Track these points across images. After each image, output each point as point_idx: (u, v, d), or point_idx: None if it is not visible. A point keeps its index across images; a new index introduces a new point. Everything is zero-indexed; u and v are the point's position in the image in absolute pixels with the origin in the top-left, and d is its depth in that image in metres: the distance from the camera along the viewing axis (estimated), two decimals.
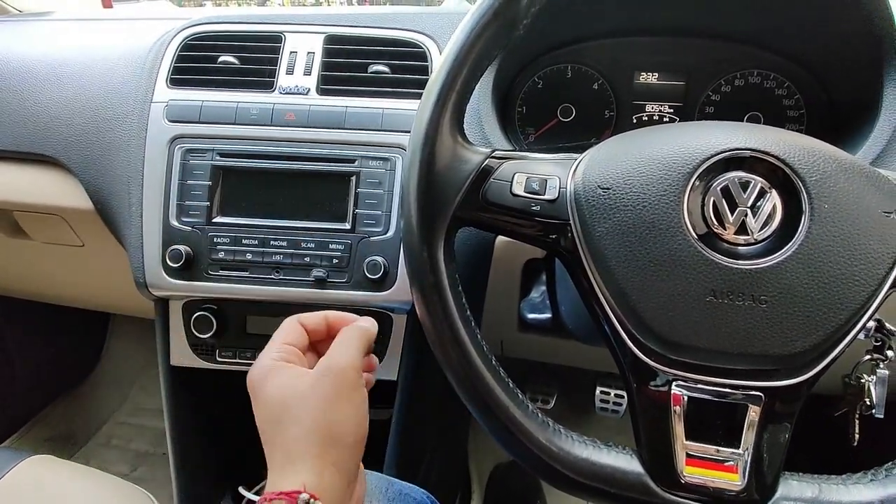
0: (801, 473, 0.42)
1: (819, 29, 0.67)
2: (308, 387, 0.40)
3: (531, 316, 0.72)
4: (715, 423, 0.41)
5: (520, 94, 0.78)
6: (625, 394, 1.02)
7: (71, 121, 0.76)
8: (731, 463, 0.40)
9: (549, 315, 0.70)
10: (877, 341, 0.56)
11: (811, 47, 0.70)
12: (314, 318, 0.47)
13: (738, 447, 0.40)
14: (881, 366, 0.54)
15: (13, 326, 1.24)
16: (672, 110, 0.76)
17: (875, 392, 0.56)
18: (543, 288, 0.73)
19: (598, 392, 1.08)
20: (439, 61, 0.44)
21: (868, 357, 0.56)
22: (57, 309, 1.11)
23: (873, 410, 0.56)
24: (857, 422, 0.58)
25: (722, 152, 0.41)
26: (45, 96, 0.78)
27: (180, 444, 0.83)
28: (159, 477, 1.26)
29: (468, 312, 0.44)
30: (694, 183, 0.40)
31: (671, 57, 0.75)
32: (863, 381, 0.57)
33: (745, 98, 0.74)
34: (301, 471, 0.37)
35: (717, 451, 0.41)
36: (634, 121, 0.76)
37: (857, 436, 0.58)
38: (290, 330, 0.45)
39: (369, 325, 0.47)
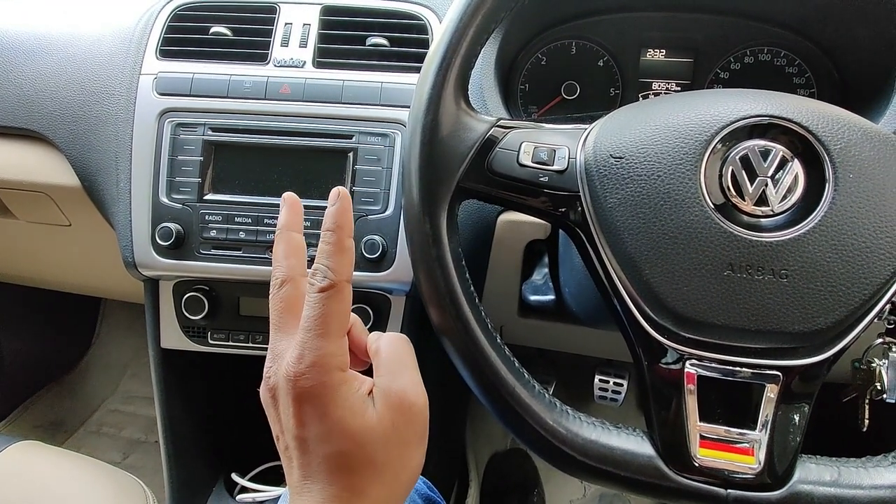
0: (818, 456, 0.40)
1: (834, 4, 0.65)
2: (377, 421, 0.35)
3: (533, 298, 0.70)
4: (730, 403, 0.39)
5: (522, 72, 0.75)
6: (624, 382, 1.01)
7: (56, 95, 0.73)
8: (747, 445, 0.39)
9: (551, 297, 0.68)
10: (890, 324, 0.55)
11: (824, 24, 0.68)
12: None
13: (754, 429, 0.39)
14: (894, 349, 0.52)
15: (1, 311, 1.22)
16: (679, 88, 0.74)
17: (887, 376, 0.54)
18: (545, 270, 0.71)
19: (596, 380, 1.06)
20: (443, 23, 0.42)
21: (880, 340, 0.55)
22: (47, 295, 1.08)
23: (885, 395, 0.54)
24: (867, 407, 0.57)
25: (741, 119, 0.39)
26: (30, 69, 0.75)
27: (171, 429, 0.81)
28: (151, 465, 1.24)
29: (472, 288, 0.42)
30: (711, 151, 0.38)
31: (679, 33, 0.73)
32: (874, 365, 0.55)
33: (755, 76, 0.72)
34: None
35: (733, 432, 0.39)
36: (640, 99, 0.74)
37: (867, 421, 0.57)
38: (347, 311, 0.36)
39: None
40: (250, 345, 0.72)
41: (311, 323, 0.35)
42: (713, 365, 0.39)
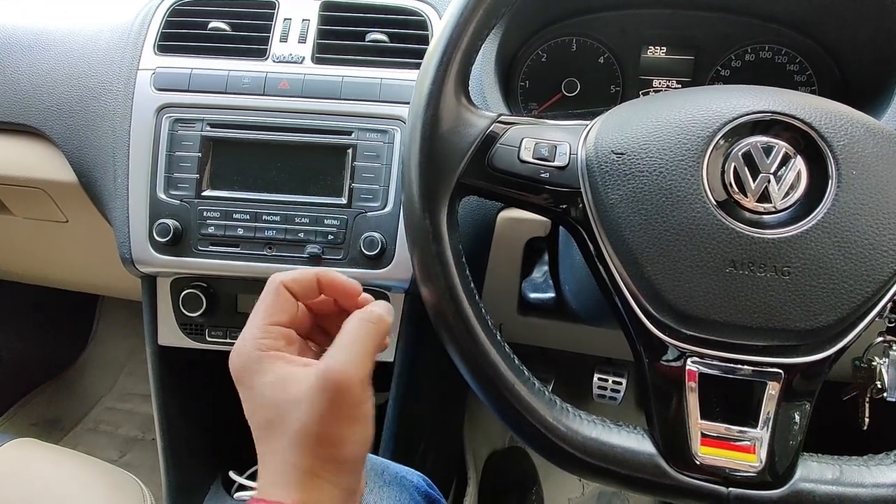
0: (820, 454, 0.40)
1: (835, 2, 0.65)
2: (303, 394, 0.35)
3: (533, 295, 0.70)
4: (731, 401, 0.39)
5: (523, 68, 0.75)
6: (623, 380, 1.01)
7: (53, 90, 0.72)
8: (749, 443, 0.38)
9: (551, 295, 0.68)
10: (890, 322, 0.55)
11: (826, 21, 0.68)
12: (302, 279, 0.39)
13: (755, 427, 0.38)
14: (894, 348, 0.52)
15: None
16: (680, 86, 0.73)
17: (888, 375, 0.54)
18: (545, 268, 0.71)
19: (595, 379, 1.06)
20: (443, 19, 0.42)
21: (881, 339, 0.54)
22: (44, 292, 1.08)
23: (885, 394, 0.54)
24: (867, 406, 0.56)
25: (743, 115, 0.38)
26: (27, 64, 0.74)
27: (168, 427, 0.81)
28: (148, 463, 1.23)
29: (472, 285, 0.42)
30: (714, 147, 0.38)
31: (680, 30, 0.73)
32: (874, 363, 0.55)
33: (756, 73, 0.72)
34: (292, 483, 0.34)
35: (734, 430, 0.39)
36: (641, 96, 0.74)
37: (867, 420, 0.56)
38: (273, 303, 0.38)
39: (384, 312, 0.38)
40: None
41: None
42: (714, 362, 0.39)
